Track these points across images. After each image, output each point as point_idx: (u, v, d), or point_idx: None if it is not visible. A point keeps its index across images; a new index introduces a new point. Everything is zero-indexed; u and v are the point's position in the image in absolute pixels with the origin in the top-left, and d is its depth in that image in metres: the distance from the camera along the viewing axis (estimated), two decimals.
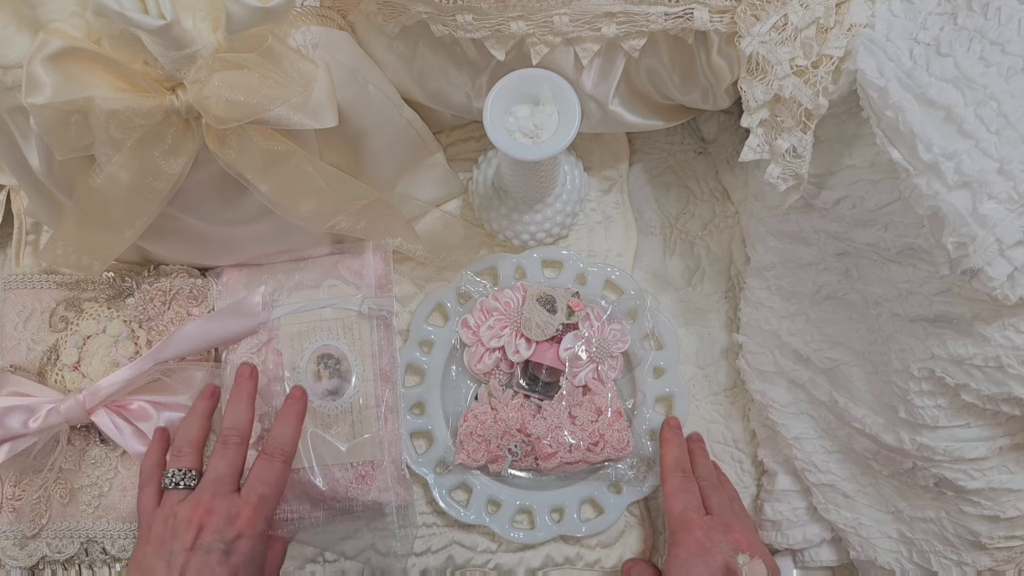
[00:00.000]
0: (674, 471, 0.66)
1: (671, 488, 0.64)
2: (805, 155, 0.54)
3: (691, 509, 0.62)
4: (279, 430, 0.62)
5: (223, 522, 0.56)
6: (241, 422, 0.61)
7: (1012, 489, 0.57)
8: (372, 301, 0.70)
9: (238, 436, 0.61)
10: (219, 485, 0.58)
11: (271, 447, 0.61)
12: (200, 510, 0.56)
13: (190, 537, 0.55)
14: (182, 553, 0.55)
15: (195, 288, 0.71)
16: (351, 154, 0.64)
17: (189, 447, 0.61)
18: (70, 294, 0.72)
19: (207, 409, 0.64)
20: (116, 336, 0.70)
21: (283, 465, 0.60)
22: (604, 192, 0.77)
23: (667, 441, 0.69)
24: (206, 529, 0.56)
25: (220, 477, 0.58)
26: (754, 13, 0.53)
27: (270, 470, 0.60)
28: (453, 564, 0.72)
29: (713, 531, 0.60)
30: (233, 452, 0.60)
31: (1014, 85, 0.48)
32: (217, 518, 0.56)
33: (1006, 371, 0.52)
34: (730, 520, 0.61)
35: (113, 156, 0.52)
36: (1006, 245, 0.46)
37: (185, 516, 0.56)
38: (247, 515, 0.57)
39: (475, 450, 0.69)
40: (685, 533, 0.60)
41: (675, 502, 0.63)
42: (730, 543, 0.59)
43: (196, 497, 0.58)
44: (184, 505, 0.57)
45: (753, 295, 0.70)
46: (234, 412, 0.62)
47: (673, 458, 0.67)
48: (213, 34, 0.50)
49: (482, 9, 0.57)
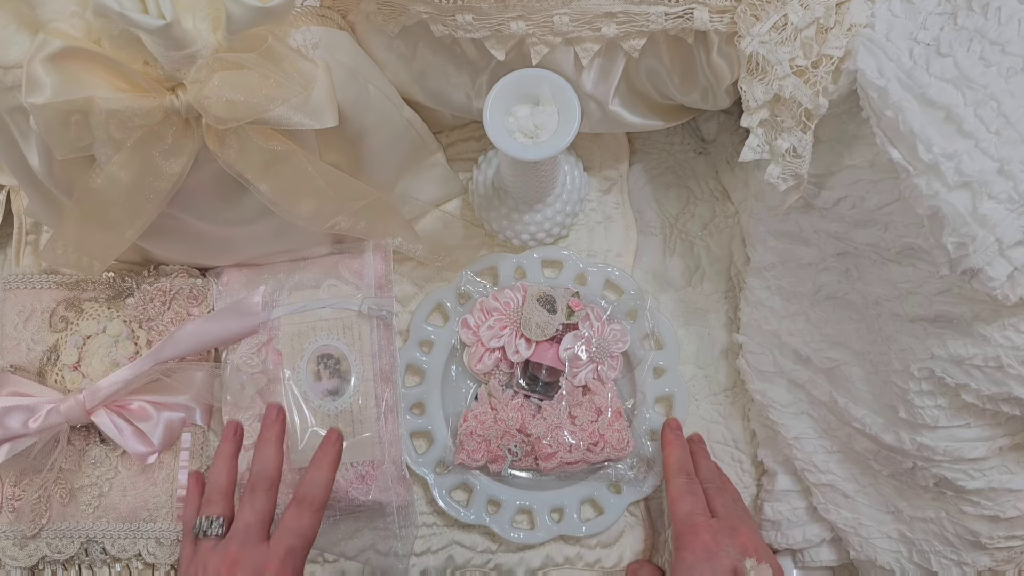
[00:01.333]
0: (678, 473, 0.65)
1: (675, 491, 0.64)
2: (805, 155, 0.54)
3: (696, 512, 0.61)
4: (312, 476, 0.59)
5: (250, 570, 0.55)
6: (270, 467, 0.60)
7: (1012, 489, 0.57)
8: (372, 301, 0.70)
9: (267, 482, 0.59)
10: (248, 534, 0.57)
11: (302, 495, 0.59)
12: (227, 561, 0.56)
13: None
14: None
15: (195, 288, 0.71)
16: (351, 154, 0.64)
17: (218, 495, 0.60)
18: (70, 294, 0.72)
19: (232, 452, 0.62)
20: (116, 336, 0.70)
21: (314, 515, 0.58)
22: (604, 192, 0.77)
23: (669, 443, 0.68)
24: None
25: (248, 526, 0.57)
26: (754, 13, 0.53)
27: (299, 520, 0.58)
28: (453, 564, 0.72)
29: (720, 535, 0.59)
30: (262, 499, 0.58)
31: (1014, 85, 0.48)
32: (244, 566, 0.55)
33: (1006, 371, 0.52)
34: (736, 523, 0.61)
35: (113, 156, 0.52)
36: (1006, 245, 0.46)
37: (214, 567, 0.56)
38: (274, 568, 0.56)
39: (475, 450, 0.69)
40: (691, 537, 0.59)
41: (680, 505, 0.62)
42: (737, 547, 0.58)
43: (224, 547, 0.57)
44: (213, 555, 0.56)
45: (753, 295, 0.70)
46: (262, 457, 0.60)
47: (676, 460, 0.66)
48: (213, 34, 0.50)
49: (482, 9, 0.57)
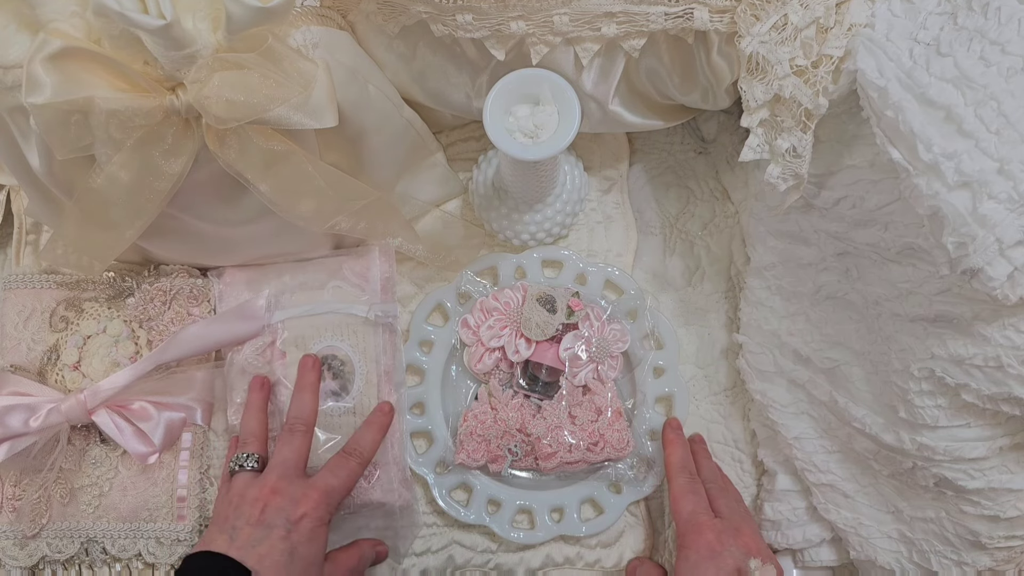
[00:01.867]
0: (680, 472, 0.65)
1: (678, 490, 0.63)
2: (805, 155, 0.54)
3: (700, 512, 0.61)
4: (362, 434, 0.64)
5: (288, 502, 0.57)
6: (306, 411, 0.63)
7: (1012, 489, 0.57)
8: (379, 307, 0.70)
9: (303, 425, 0.62)
10: (285, 468, 0.60)
11: (351, 447, 0.63)
12: (266, 490, 0.58)
13: (255, 513, 0.57)
14: (245, 527, 0.56)
15: (195, 288, 0.71)
16: (351, 154, 0.64)
17: (252, 436, 0.63)
18: (70, 294, 0.72)
19: (262, 401, 0.66)
20: (116, 336, 0.70)
21: (358, 465, 0.62)
22: (604, 192, 0.77)
23: (670, 442, 0.68)
24: (271, 507, 0.57)
25: (286, 461, 0.60)
26: (754, 13, 0.53)
27: (344, 466, 0.61)
28: (453, 564, 0.72)
29: (724, 534, 0.59)
30: (299, 439, 0.62)
31: (1014, 85, 0.48)
32: (283, 498, 0.58)
33: (1006, 371, 0.52)
34: (740, 523, 0.61)
35: (113, 156, 0.52)
36: (1006, 245, 0.46)
37: (252, 495, 0.58)
38: (314, 498, 0.58)
39: (475, 450, 0.69)
40: (695, 536, 0.59)
41: (683, 504, 0.62)
42: (740, 547, 0.58)
43: (263, 479, 0.59)
44: (252, 486, 0.59)
45: (753, 295, 0.70)
46: (299, 402, 0.64)
47: (678, 459, 0.66)
48: (213, 34, 0.50)
49: (482, 9, 0.57)
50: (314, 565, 0.58)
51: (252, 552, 0.55)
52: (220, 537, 0.56)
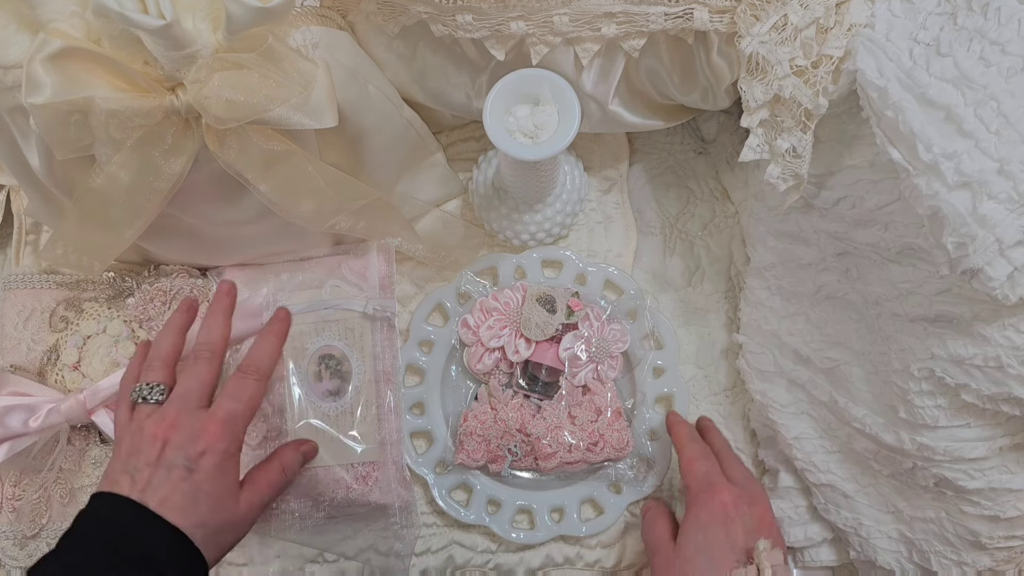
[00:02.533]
0: (691, 442, 0.63)
1: (690, 454, 0.61)
2: (805, 155, 0.54)
3: (714, 474, 0.59)
4: (258, 346, 0.59)
5: (187, 438, 0.54)
6: (214, 337, 0.58)
7: (1012, 489, 0.57)
8: (376, 302, 0.70)
9: (210, 351, 0.58)
10: (186, 400, 0.56)
11: (247, 364, 0.58)
12: (165, 425, 0.54)
13: (154, 452, 0.53)
14: (146, 468, 0.53)
15: (195, 288, 0.71)
16: (351, 154, 0.64)
17: (159, 361, 0.58)
18: (70, 294, 0.72)
19: (183, 323, 0.61)
20: (116, 336, 0.70)
21: (257, 383, 0.57)
22: (604, 192, 0.77)
23: (676, 423, 0.66)
24: (170, 444, 0.53)
25: (188, 392, 0.56)
26: (754, 13, 0.53)
27: (243, 386, 0.57)
28: (453, 564, 0.72)
29: (740, 499, 0.57)
30: (204, 367, 0.57)
31: (1014, 85, 0.48)
32: (181, 433, 0.54)
33: (1006, 371, 0.52)
34: (756, 494, 0.59)
35: (113, 156, 0.52)
36: (1006, 245, 0.46)
37: (151, 431, 0.54)
38: (213, 431, 0.54)
39: (475, 450, 0.69)
40: (709, 496, 0.57)
41: (696, 466, 0.60)
42: (755, 517, 0.56)
43: (162, 412, 0.55)
44: (151, 420, 0.55)
45: (753, 295, 0.70)
46: (208, 327, 0.59)
47: (688, 432, 0.64)
48: (213, 34, 0.50)
49: (482, 9, 0.57)
50: (225, 499, 0.55)
51: (154, 495, 0.52)
52: (123, 478, 0.53)
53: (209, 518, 0.53)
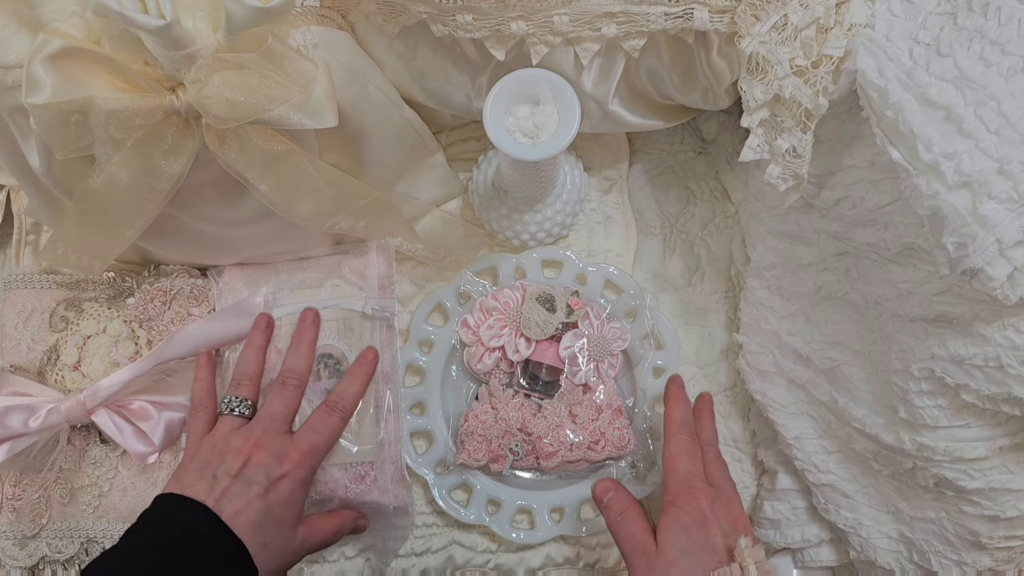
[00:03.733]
0: (681, 430, 0.62)
1: (676, 448, 0.61)
2: (805, 155, 0.54)
3: (695, 475, 0.59)
4: (344, 386, 0.63)
5: (271, 458, 0.57)
6: (300, 366, 0.63)
7: (1012, 489, 0.57)
8: (376, 302, 0.70)
9: (297, 379, 0.62)
10: (273, 422, 0.59)
11: (333, 401, 0.62)
12: (251, 442, 0.57)
13: (237, 465, 0.56)
14: (226, 478, 0.56)
15: (195, 288, 0.71)
16: (351, 154, 0.64)
17: (247, 379, 0.62)
18: (70, 294, 0.72)
19: (261, 343, 0.65)
20: (116, 336, 0.70)
21: (340, 421, 0.61)
22: (604, 192, 0.77)
23: (673, 397, 0.64)
24: (253, 461, 0.56)
25: (275, 414, 0.59)
26: (754, 13, 0.53)
27: (326, 422, 0.61)
28: (453, 564, 0.72)
29: (717, 503, 0.57)
30: (291, 394, 0.61)
31: (1014, 85, 0.48)
32: (266, 453, 0.57)
33: (1006, 371, 0.52)
34: (731, 496, 0.59)
35: (113, 156, 0.52)
36: (1006, 245, 0.46)
37: (236, 444, 0.57)
38: (295, 458, 0.58)
39: (476, 450, 0.69)
40: (688, 498, 0.57)
41: (680, 463, 0.60)
42: (730, 520, 0.57)
43: (249, 429, 0.58)
44: (237, 434, 0.58)
45: (753, 295, 0.70)
46: (295, 356, 0.63)
47: (680, 416, 0.63)
48: (213, 34, 0.50)
49: (482, 9, 0.57)
50: (288, 526, 0.57)
51: (228, 506, 0.54)
52: (199, 483, 0.56)
53: (271, 541, 0.55)
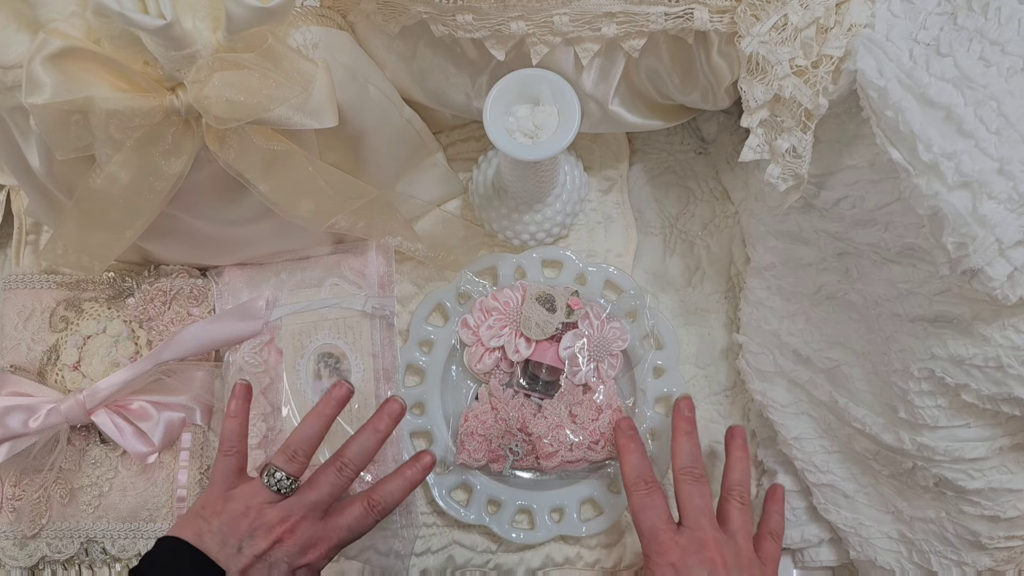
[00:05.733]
0: (635, 484, 0.61)
1: (636, 505, 0.60)
2: (805, 155, 0.54)
3: (660, 527, 0.59)
4: (391, 487, 0.60)
5: (299, 546, 0.56)
6: (363, 455, 0.60)
7: (1012, 489, 0.57)
8: (375, 300, 0.70)
9: (355, 467, 0.59)
10: (313, 510, 0.58)
11: (376, 500, 0.59)
12: (287, 525, 0.56)
13: (264, 545, 0.55)
14: (250, 556, 0.55)
15: (195, 288, 0.71)
16: (351, 154, 0.64)
17: (303, 455, 0.59)
18: (70, 294, 0.72)
19: (331, 416, 0.61)
20: (116, 336, 0.70)
21: (376, 521, 0.60)
22: (604, 192, 0.77)
23: (623, 449, 0.64)
24: (283, 545, 0.56)
25: (318, 503, 0.58)
26: (754, 13, 0.53)
27: (363, 521, 0.59)
28: (453, 564, 0.72)
29: (687, 551, 0.57)
30: (343, 482, 0.59)
31: (1014, 85, 0.48)
32: (297, 540, 0.56)
33: (1006, 371, 0.52)
34: (704, 534, 0.58)
35: (113, 156, 0.52)
36: (1006, 245, 0.46)
37: (270, 522, 0.56)
38: (322, 550, 0.57)
39: (476, 450, 0.69)
40: (659, 557, 0.58)
41: (642, 519, 0.60)
42: (705, 563, 0.57)
43: (288, 508, 0.57)
44: (274, 511, 0.57)
45: (753, 295, 0.70)
46: (362, 442, 0.60)
47: (632, 468, 0.62)
48: (213, 34, 0.50)
49: (482, 9, 0.57)
50: None
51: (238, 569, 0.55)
52: (223, 550, 0.55)
53: None
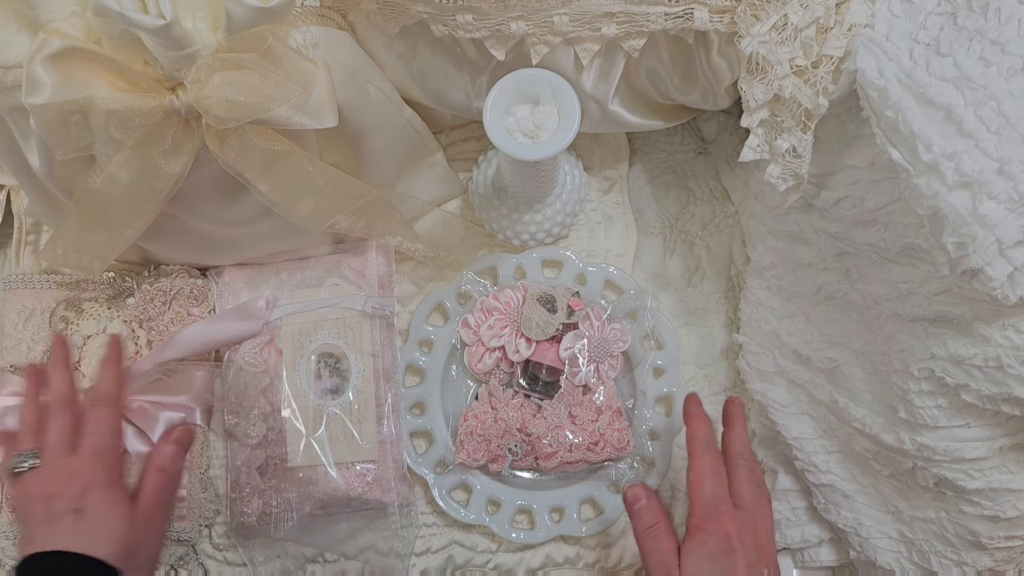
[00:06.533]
0: (706, 451, 0.60)
1: (701, 469, 0.59)
2: (805, 155, 0.54)
3: (722, 498, 0.58)
4: (100, 376, 0.61)
5: (65, 485, 0.56)
6: (61, 389, 0.60)
7: (1012, 489, 0.57)
8: (376, 300, 0.70)
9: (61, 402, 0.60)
10: (55, 453, 0.58)
11: (93, 395, 0.60)
12: (45, 482, 0.57)
13: (41, 511, 0.55)
14: (38, 528, 0.55)
15: (195, 288, 0.71)
16: (351, 154, 0.64)
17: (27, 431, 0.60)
18: (70, 294, 0.72)
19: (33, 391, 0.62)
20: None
21: (108, 410, 0.59)
22: (604, 192, 0.77)
23: (695, 416, 0.62)
24: (54, 497, 0.56)
25: (55, 445, 0.58)
26: (754, 13, 0.53)
27: (97, 418, 0.59)
28: (453, 564, 0.72)
29: (743, 529, 0.57)
30: (60, 419, 0.59)
31: (1014, 85, 0.48)
32: (60, 483, 0.56)
33: (1006, 371, 0.51)
34: (758, 520, 0.58)
35: (113, 156, 0.52)
36: (1006, 245, 0.46)
37: (35, 492, 0.56)
38: (85, 468, 0.57)
39: (475, 450, 0.69)
40: (715, 523, 0.57)
41: (706, 485, 0.58)
42: (755, 548, 0.56)
43: (39, 471, 0.57)
44: (34, 482, 0.57)
45: (753, 295, 0.70)
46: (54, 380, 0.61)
47: (704, 435, 0.61)
48: (213, 34, 0.50)
49: (482, 9, 0.57)
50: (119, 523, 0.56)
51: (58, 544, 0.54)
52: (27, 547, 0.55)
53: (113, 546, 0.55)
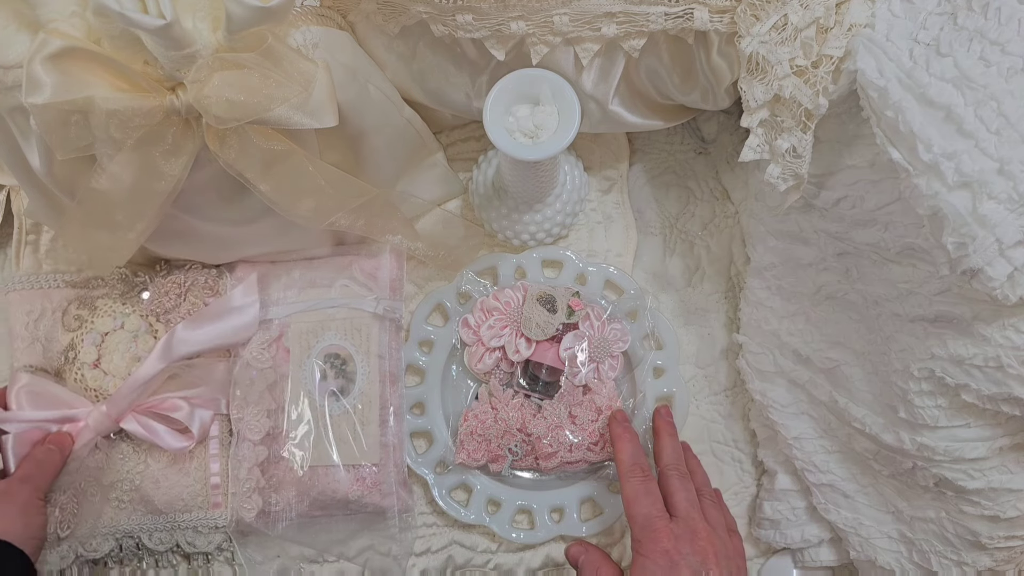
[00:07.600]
0: (631, 471, 0.62)
1: (631, 491, 0.60)
2: (805, 155, 0.54)
3: (655, 515, 0.59)
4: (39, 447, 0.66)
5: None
6: None
7: (1012, 489, 0.57)
8: (386, 303, 0.70)
9: None
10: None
11: None
12: None
13: None
14: None
15: (210, 278, 0.71)
16: (351, 154, 0.64)
17: None
18: (81, 292, 0.71)
19: None
20: (135, 331, 0.70)
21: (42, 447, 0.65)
22: (604, 192, 0.77)
23: (619, 438, 0.64)
24: None
25: None
26: (754, 13, 0.53)
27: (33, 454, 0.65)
28: (453, 564, 0.72)
29: (680, 540, 0.57)
30: None
31: (1014, 85, 0.48)
32: None
33: (1006, 371, 0.52)
34: (695, 524, 0.59)
35: (114, 156, 0.52)
36: (1006, 245, 0.46)
37: None
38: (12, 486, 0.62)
39: (475, 450, 0.69)
40: (652, 543, 0.57)
41: (637, 507, 0.60)
42: (697, 553, 0.57)
43: None
44: None
45: (753, 295, 0.70)
46: None
47: (629, 456, 0.62)
48: (213, 34, 0.50)
49: (482, 9, 0.57)
50: None
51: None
52: None
53: None
